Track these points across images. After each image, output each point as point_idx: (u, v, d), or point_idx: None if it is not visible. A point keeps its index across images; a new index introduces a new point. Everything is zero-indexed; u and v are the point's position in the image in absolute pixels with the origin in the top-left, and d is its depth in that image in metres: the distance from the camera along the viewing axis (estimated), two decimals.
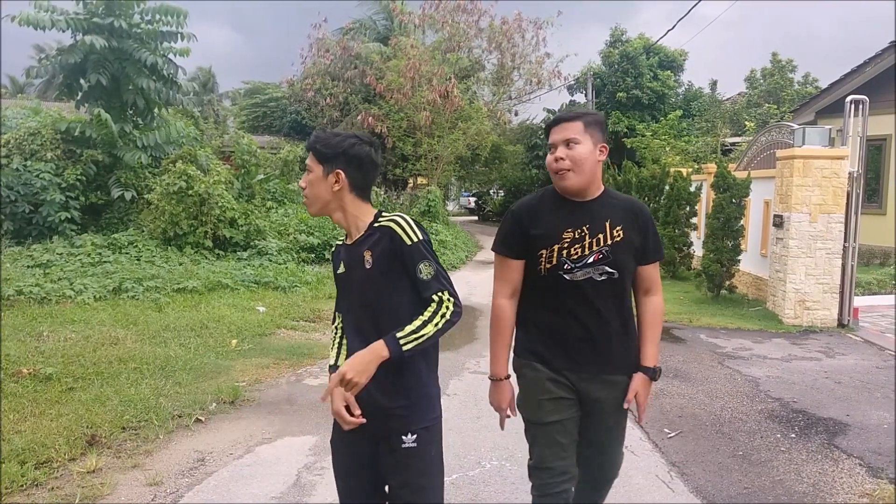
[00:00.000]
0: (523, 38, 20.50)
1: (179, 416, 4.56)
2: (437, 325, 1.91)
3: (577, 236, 2.22)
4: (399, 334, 1.87)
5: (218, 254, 11.15)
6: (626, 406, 2.31)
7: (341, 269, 2.12)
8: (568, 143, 2.21)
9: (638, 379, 2.32)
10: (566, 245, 2.22)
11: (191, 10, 12.22)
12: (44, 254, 9.95)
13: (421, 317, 1.91)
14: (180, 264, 10.13)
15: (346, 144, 2.01)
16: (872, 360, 6.62)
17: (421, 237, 1.96)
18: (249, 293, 9.11)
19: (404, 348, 1.87)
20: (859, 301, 8.80)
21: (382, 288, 1.99)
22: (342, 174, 2.01)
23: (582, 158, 2.20)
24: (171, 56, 12.45)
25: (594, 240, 2.22)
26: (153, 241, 10.92)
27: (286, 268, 10.84)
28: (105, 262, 9.86)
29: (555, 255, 2.22)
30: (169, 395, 4.91)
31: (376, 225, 2.02)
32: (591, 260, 2.22)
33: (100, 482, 3.53)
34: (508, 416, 2.41)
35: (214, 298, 8.57)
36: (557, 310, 2.27)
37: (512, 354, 2.39)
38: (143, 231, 11.30)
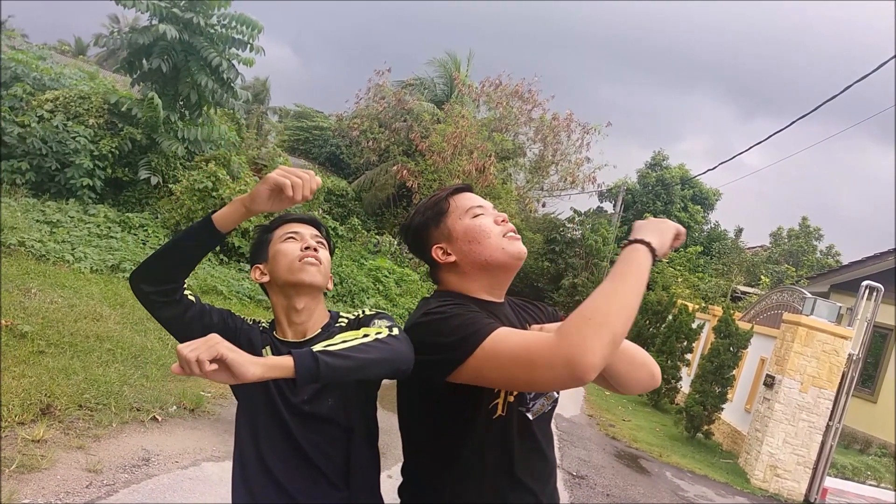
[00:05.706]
0: (569, 137, 21.00)
1: (138, 410, 4.52)
2: (363, 336, 1.36)
3: None
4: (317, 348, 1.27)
5: (222, 259, 11.18)
6: None
7: None
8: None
9: None
10: None
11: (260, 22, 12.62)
12: (56, 212, 10.02)
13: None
14: None
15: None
16: None
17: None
18: (241, 306, 9.10)
19: (325, 357, 1.23)
20: (830, 482, 8.64)
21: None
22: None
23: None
24: (234, 62, 12.84)
25: None
26: (164, 229, 11.00)
27: None
28: (112, 237, 9.92)
29: None
30: (134, 386, 4.88)
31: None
32: None
33: (41, 454, 3.48)
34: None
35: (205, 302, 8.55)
36: (512, 478, 1.44)
37: None
38: (157, 217, 11.39)
